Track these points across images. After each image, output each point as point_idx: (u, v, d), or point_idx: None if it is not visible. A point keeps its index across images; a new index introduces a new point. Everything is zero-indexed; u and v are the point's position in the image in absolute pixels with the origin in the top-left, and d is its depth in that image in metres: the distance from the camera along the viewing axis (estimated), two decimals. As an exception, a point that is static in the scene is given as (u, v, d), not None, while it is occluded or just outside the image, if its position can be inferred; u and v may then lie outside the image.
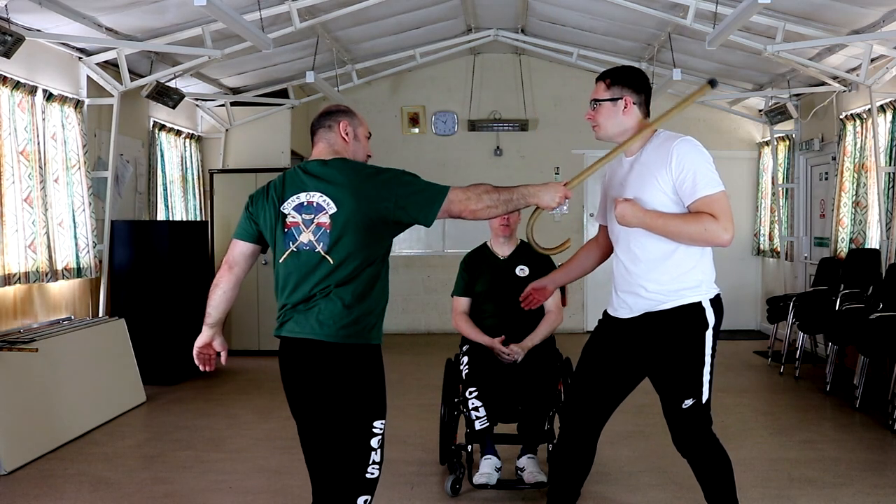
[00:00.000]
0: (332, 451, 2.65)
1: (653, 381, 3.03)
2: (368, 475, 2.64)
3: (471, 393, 3.97)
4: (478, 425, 3.93)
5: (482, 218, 2.68)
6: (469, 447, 4.08)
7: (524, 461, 4.11)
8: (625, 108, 2.94)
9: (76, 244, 6.09)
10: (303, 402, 2.69)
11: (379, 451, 2.66)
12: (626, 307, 2.99)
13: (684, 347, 2.91)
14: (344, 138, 2.76)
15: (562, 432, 3.12)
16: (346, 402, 2.62)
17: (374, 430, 2.64)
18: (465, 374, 4.08)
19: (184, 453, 4.90)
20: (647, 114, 2.99)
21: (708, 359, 2.91)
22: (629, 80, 2.96)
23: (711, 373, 2.93)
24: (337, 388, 2.62)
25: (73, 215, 6.09)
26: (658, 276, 2.90)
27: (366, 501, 2.65)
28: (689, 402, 2.91)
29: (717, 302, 2.93)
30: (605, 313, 3.12)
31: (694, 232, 2.79)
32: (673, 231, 2.82)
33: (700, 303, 2.89)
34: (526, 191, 2.70)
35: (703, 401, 2.92)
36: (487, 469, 4.03)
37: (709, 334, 2.90)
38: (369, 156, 2.85)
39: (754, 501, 3.97)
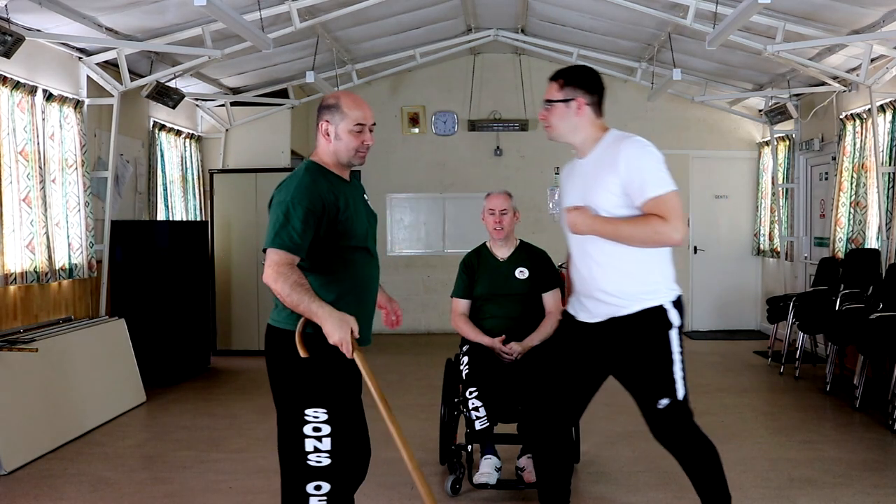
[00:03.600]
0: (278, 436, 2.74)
1: (623, 384, 3.01)
2: (312, 463, 2.63)
3: (471, 393, 3.97)
4: (478, 425, 3.93)
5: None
6: (469, 447, 4.09)
7: (524, 461, 4.11)
8: (578, 109, 2.92)
9: (69, 244, 6.09)
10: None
11: (324, 440, 2.62)
12: (587, 311, 2.98)
13: (652, 350, 2.91)
14: (325, 137, 2.75)
15: (535, 433, 3.10)
16: (275, 386, 2.72)
17: (307, 418, 2.63)
18: (465, 374, 4.08)
19: (184, 453, 4.90)
20: (599, 114, 2.98)
21: (677, 356, 2.91)
22: (582, 81, 2.94)
23: (683, 368, 2.93)
24: (270, 372, 2.74)
25: (67, 215, 6.09)
26: (616, 279, 2.89)
27: (317, 487, 2.64)
28: (664, 402, 2.91)
29: (678, 303, 2.93)
30: (566, 313, 3.11)
31: (644, 235, 2.78)
32: (624, 236, 2.82)
33: (662, 306, 2.89)
34: (312, 307, 2.53)
35: (680, 397, 2.92)
36: (487, 469, 4.03)
37: (673, 333, 2.90)
38: (365, 143, 2.75)
39: (754, 501, 3.96)
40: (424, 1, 7.42)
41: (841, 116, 7.33)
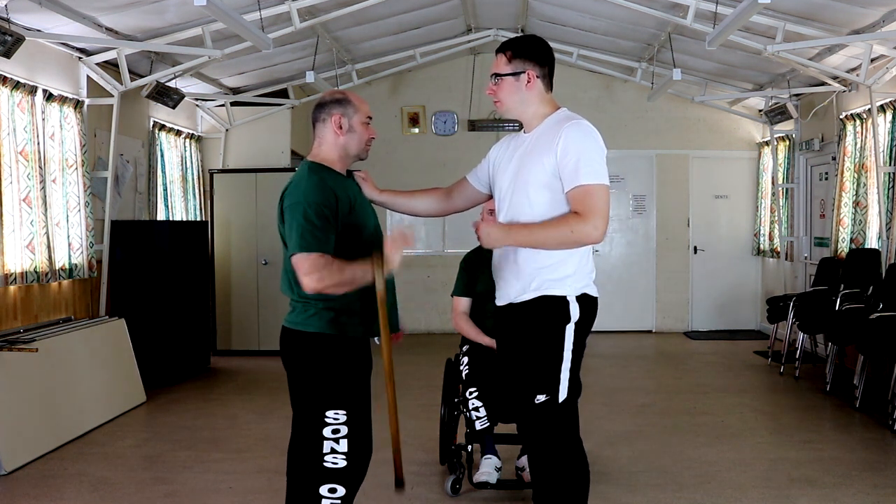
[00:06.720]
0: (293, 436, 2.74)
1: (509, 372, 2.84)
2: (328, 465, 2.64)
3: (471, 393, 3.98)
4: (478, 425, 3.93)
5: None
6: (469, 447, 4.09)
7: (524, 461, 4.11)
8: (528, 82, 2.77)
9: (69, 244, 6.09)
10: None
11: (341, 441, 2.64)
12: (500, 295, 2.89)
13: (542, 340, 2.70)
14: (336, 132, 2.77)
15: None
16: (295, 388, 2.72)
17: (327, 420, 2.64)
18: (465, 375, 4.08)
19: (184, 453, 4.90)
20: (550, 87, 2.85)
21: (567, 354, 2.69)
22: (532, 53, 2.79)
23: (574, 372, 2.72)
24: (289, 374, 2.74)
25: (67, 215, 6.09)
26: (522, 264, 2.75)
27: (331, 490, 2.64)
28: (541, 398, 2.69)
29: (585, 300, 2.72)
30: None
31: (561, 236, 2.62)
32: (540, 240, 2.65)
33: (565, 297, 2.69)
34: (358, 274, 2.62)
35: (560, 398, 2.69)
36: (487, 469, 4.04)
37: (570, 329, 2.69)
38: (373, 138, 2.85)
39: (754, 501, 3.97)
40: (424, 1, 7.42)
41: (841, 116, 7.33)
